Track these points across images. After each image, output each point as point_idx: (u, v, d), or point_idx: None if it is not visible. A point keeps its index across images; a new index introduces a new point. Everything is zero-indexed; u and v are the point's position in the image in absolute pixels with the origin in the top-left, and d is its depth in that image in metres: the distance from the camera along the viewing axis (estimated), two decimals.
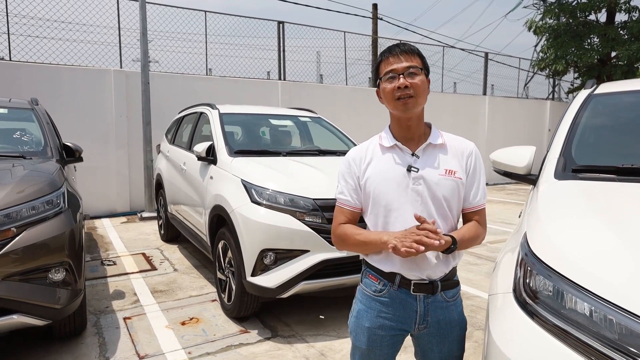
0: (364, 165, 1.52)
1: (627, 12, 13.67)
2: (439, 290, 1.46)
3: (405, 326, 1.49)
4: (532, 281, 1.26)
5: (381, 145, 1.53)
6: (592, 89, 2.49)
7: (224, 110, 4.54)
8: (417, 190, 1.44)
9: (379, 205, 1.48)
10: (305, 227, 3.10)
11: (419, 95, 1.43)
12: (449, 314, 1.49)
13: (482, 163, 1.53)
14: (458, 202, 1.49)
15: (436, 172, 1.45)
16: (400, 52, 1.44)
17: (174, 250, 5.55)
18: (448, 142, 1.52)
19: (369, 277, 1.54)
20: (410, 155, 1.47)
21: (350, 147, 4.68)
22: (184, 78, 8.40)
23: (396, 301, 1.47)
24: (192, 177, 4.39)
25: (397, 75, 1.42)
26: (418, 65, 1.43)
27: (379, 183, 1.48)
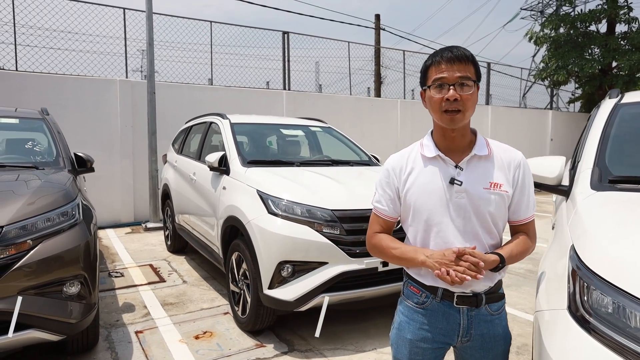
0: (404, 175, 1.47)
1: (627, 23, 13.80)
2: (483, 304, 1.41)
3: (447, 339, 1.45)
4: (589, 297, 1.21)
5: (423, 155, 1.46)
6: (617, 98, 2.46)
7: (235, 120, 4.51)
8: (460, 205, 1.38)
9: (420, 219, 1.44)
10: (324, 238, 3.04)
11: (468, 109, 1.35)
12: (493, 328, 1.43)
13: (530, 173, 1.46)
14: (504, 216, 1.42)
15: (480, 186, 1.38)
16: (454, 59, 1.33)
17: (182, 261, 5.48)
18: (494, 152, 1.43)
19: (410, 289, 1.50)
20: (454, 167, 1.40)
21: (362, 157, 4.65)
22: (189, 88, 8.39)
23: (439, 313, 1.43)
24: (203, 187, 4.34)
25: (447, 85, 1.32)
26: (471, 77, 1.33)
27: (420, 196, 1.42)
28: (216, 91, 8.68)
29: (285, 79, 9.90)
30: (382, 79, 13.45)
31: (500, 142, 1.50)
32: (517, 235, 1.47)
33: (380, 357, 3.05)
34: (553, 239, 1.90)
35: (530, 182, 1.46)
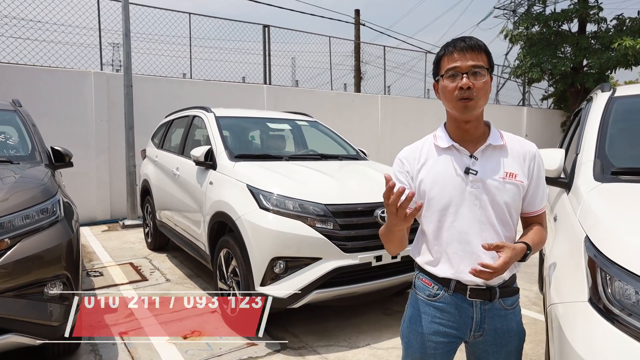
0: (418, 165, 1.44)
1: (596, 22, 14.24)
2: (497, 297, 1.38)
3: (460, 333, 1.42)
4: (612, 288, 1.20)
5: (436, 146, 1.44)
6: (610, 92, 2.48)
7: (220, 113, 4.38)
8: (476, 195, 1.36)
9: (434, 209, 1.41)
10: (317, 233, 2.98)
11: (481, 98, 1.33)
12: (507, 322, 1.41)
13: (543, 165, 1.46)
14: (519, 207, 1.41)
15: (496, 175, 1.36)
16: (467, 48, 1.32)
17: (164, 259, 5.32)
18: (509, 143, 1.42)
19: (422, 281, 1.48)
20: (469, 157, 1.38)
21: (350, 152, 4.61)
22: (167, 81, 8.16)
23: (451, 306, 1.41)
24: (187, 182, 4.20)
25: (460, 74, 1.32)
26: (484, 65, 1.33)
27: (435, 186, 1.40)
28: (195, 85, 8.47)
29: (266, 73, 9.76)
30: (362, 74, 13.45)
31: (512, 134, 1.48)
32: (532, 226, 1.45)
33: (374, 353, 3.02)
34: (556, 231, 1.90)
35: (544, 173, 1.45)
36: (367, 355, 2.98)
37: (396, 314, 3.66)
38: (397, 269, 3.25)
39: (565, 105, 15.97)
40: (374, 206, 3.17)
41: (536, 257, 4.80)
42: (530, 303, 3.94)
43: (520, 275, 1.50)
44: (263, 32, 9.66)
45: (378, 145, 10.78)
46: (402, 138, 11.37)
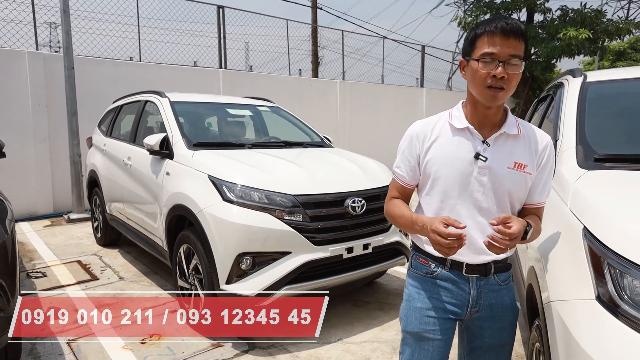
0: (428, 143, 1.40)
1: (542, 12, 14.79)
2: (492, 273, 1.41)
3: (457, 309, 1.43)
4: (622, 283, 1.12)
5: (451, 125, 1.39)
6: (582, 77, 2.46)
7: (175, 98, 4.06)
8: (481, 181, 1.34)
9: (437, 189, 1.40)
10: (286, 226, 2.81)
11: (511, 88, 1.29)
12: (501, 297, 1.44)
13: (554, 158, 1.44)
14: (522, 198, 1.40)
15: (505, 165, 1.34)
16: (510, 32, 1.23)
17: (115, 255, 4.95)
18: (523, 132, 1.38)
19: (418, 260, 1.49)
20: (481, 142, 1.35)
21: (315, 138, 4.44)
22: (114, 64, 7.57)
23: (449, 282, 1.43)
24: (140, 173, 3.88)
25: (496, 61, 1.24)
26: (521, 55, 1.26)
27: (442, 166, 1.37)
28: (145, 68, 7.94)
29: (222, 57, 9.33)
30: (320, 59, 13.24)
31: (528, 123, 1.44)
32: (531, 216, 1.41)
33: (347, 348, 2.91)
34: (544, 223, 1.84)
35: (552, 167, 1.43)
36: (340, 351, 2.88)
37: (366, 304, 3.58)
38: (368, 260, 3.16)
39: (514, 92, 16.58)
40: (344, 196, 3.04)
41: None
42: None
43: None
44: (217, 14, 9.19)
45: (337, 131, 10.67)
46: (360, 124, 11.34)
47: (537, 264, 1.63)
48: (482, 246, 1.31)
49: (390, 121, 11.87)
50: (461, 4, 25.17)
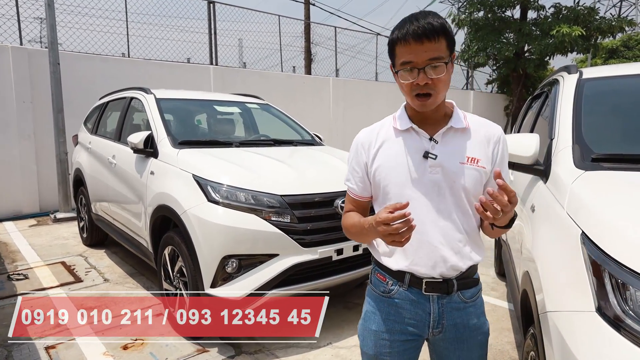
0: (374, 150, 1.32)
1: (536, 10, 14.76)
2: (455, 290, 1.29)
3: (418, 330, 1.32)
4: (625, 296, 1.04)
5: (395, 129, 1.31)
6: (578, 74, 2.39)
7: (161, 95, 3.94)
8: (434, 180, 1.25)
9: (389, 197, 1.29)
10: (273, 227, 2.72)
11: (440, 92, 1.20)
12: (467, 316, 1.31)
13: (508, 149, 1.34)
14: (479, 193, 1.26)
15: (456, 160, 1.25)
16: (423, 35, 1.13)
17: (101, 256, 4.83)
18: (472, 126, 1.30)
19: (376, 276, 1.39)
20: (428, 140, 1.26)
21: (305, 137, 4.34)
22: (102, 60, 7.41)
23: (407, 302, 1.31)
24: (125, 172, 3.76)
25: (416, 69, 1.16)
26: (443, 56, 1.16)
27: (390, 172, 1.28)
28: (134, 64, 7.78)
29: (212, 54, 9.18)
30: (313, 56, 13.12)
31: (477, 116, 1.34)
32: None
33: (337, 353, 2.83)
34: (537, 223, 1.76)
35: (507, 157, 1.35)
36: (330, 356, 2.79)
37: (357, 307, 3.49)
38: (358, 262, 3.07)
39: (508, 89, 16.57)
40: (334, 196, 2.95)
41: (491, 241, 4.83)
42: (489, 289, 3.92)
43: None
44: (208, 9, 9.04)
45: (330, 129, 10.58)
46: (353, 121, 11.24)
47: (532, 269, 1.55)
48: (445, 255, 1.24)
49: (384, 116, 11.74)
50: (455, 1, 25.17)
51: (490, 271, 4.32)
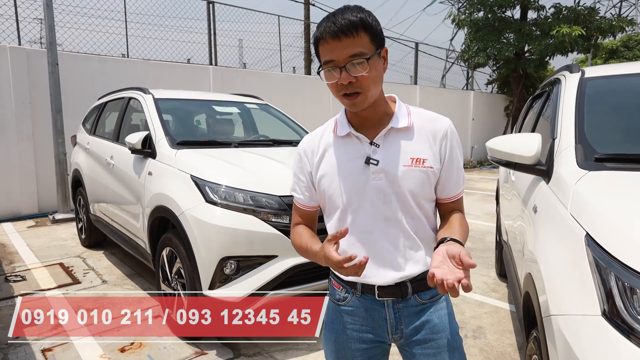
0: (317, 158, 1.26)
1: (536, 10, 14.74)
2: (409, 294, 1.22)
3: (378, 337, 1.27)
4: (633, 299, 1.01)
5: (335, 135, 1.24)
6: (580, 73, 2.36)
7: (159, 95, 3.92)
8: (379, 187, 1.17)
9: (334, 207, 1.23)
10: (272, 229, 2.69)
11: (368, 89, 1.11)
12: (427, 317, 1.24)
13: (458, 143, 1.25)
14: (429, 195, 1.22)
15: (400, 163, 1.17)
16: (340, 32, 1.06)
17: (100, 257, 4.80)
18: (417, 122, 1.21)
19: (332, 284, 1.34)
20: (369, 145, 1.19)
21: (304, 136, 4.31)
22: (100, 60, 7.39)
23: (361, 309, 1.26)
24: (123, 173, 3.73)
25: (337, 68, 1.09)
26: (364, 51, 1.08)
27: (333, 181, 1.21)
28: (133, 65, 7.76)
29: (212, 54, 9.16)
30: (313, 56, 13.09)
31: (425, 110, 1.27)
32: (451, 214, 1.25)
33: None
34: (538, 224, 1.73)
35: (458, 153, 1.24)
36: None
37: None
38: None
39: (508, 89, 16.54)
40: None
41: (492, 242, 4.80)
42: (490, 290, 3.89)
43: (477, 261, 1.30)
44: (207, 9, 9.02)
45: None
46: None
47: (535, 271, 1.52)
48: (396, 263, 1.18)
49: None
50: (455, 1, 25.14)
51: (491, 272, 4.29)
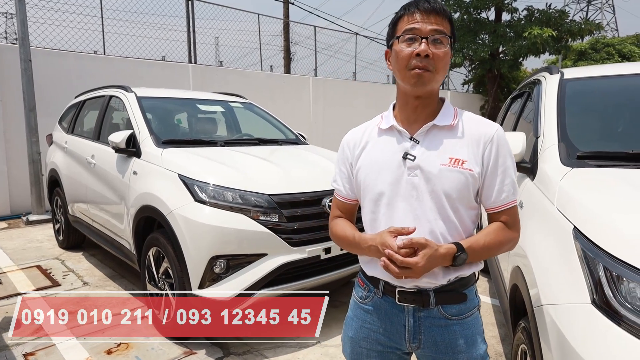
0: (358, 150, 1.27)
1: (510, 12, 15.15)
2: (432, 304, 1.17)
3: (394, 343, 1.23)
4: (620, 288, 1.08)
5: (379, 128, 1.26)
6: (559, 74, 2.46)
7: (142, 93, 3.86)
8: (413, 184, 1.16)
9: (369, 199, 1.23)
10: (262, 227, 2.70)
11: (439, 71, 1.13)
12: (449, 335, 1.18)
13: (509, 150, 1.19)
14: (467, 200, 1.17)
15: (438, 162, 1.15)
16: (430, 10, 1.12)
17: (79, 258, 4.69)
18: (461, 124, 1.19)
19: (358, 281, 1.35)
20: (409, 140, 1.19)
21: (289, 136, 4.33)
22: (76, 57, 7.20)
23: (380, 311, 1.24)
24: (105, 172, 3.66)
25: (419, 38, 1.11)
26: (447, 33, 1.13)
27: (370, 173, 1.22)
28: (111, 62, 7.59)
29: (191, 52, 9.05)
30: (292, 55, 13.09)
31: (474, 114, 1.24)
32: (491, 224, 1.22)
33: (325, 352, 2.83)
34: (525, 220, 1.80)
35: (507, 160, 1.18)
36: (319, 355, 2.79)
37: (344, 305, 3.49)
38: (346, 260, 3.08)
39: (483, 89, 16.93)
40: (321, 195, 2.96)
41: None
42: None
43: None
44: (186, 6, 8.90)
45: (310, 128, 10.57)
46: (333, 121, 11.28)
47: (523, 264, 1.59)
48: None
49: (362, 118, 11.54)
50: None
51: None
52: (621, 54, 21.75)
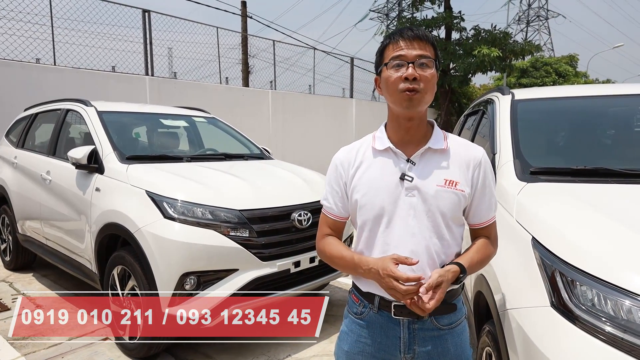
0: (353, 169, 1.32)
1: (459, 31, 16.02)
2: (426, 315, 1.23)
3: (389, 355, 1.29)
4: (574, 291, 1.22)
5: (373, 148, 1.31)
6: (510, 95, 2.67)
7: (103, 107, 3.77)
8: (411, 203, 1.23)
9: (366, 218, 1.28)
10: (232, 242, 2.71)
11: (427, 92, 1.21)
12: (442, 344, 1.26)
13: (491, 172, 1.33)
14: (458, 219, 1.28)
15: (434, 183, 1.23)
16: (413, 37, 1.21)
17: (30, 280, 4.44)
18: (452, 147, 1.29)
19: (351, 297, 1.38)
20: (405, 161, 1.26)
21: (254, 150, 4.36)
22: (23, 67, 6.87)
23: (376, 325, 1.29)
24: (63, 189, 3.53)
25: (405, 63, 1.20)
26: (431, 56, 1.22)
27: (367, 193, 1.27)
28: (61, 73, 7.29)
29: (148, 64, 8.86)
30: (250, 68, 13.10)
31: (459, 138, 1.37)
32: (477, 239, 1.34)
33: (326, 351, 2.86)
34: None
35: (491, 181, 1.32)
36: (319, 355, 2.82)
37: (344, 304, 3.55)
38: (315, 273, 3.14)
39: (436, 103, 17.70)
40: (290, 209, 3.01)
41: None
42: None
43: None
44: (143, 18, 8.73)
45: (270, 142, 10.59)
46: (293, 135, 11.37)
47: (487, 272, 1.73)
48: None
49: (321, 131, 12.05)
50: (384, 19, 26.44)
51: None
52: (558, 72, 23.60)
